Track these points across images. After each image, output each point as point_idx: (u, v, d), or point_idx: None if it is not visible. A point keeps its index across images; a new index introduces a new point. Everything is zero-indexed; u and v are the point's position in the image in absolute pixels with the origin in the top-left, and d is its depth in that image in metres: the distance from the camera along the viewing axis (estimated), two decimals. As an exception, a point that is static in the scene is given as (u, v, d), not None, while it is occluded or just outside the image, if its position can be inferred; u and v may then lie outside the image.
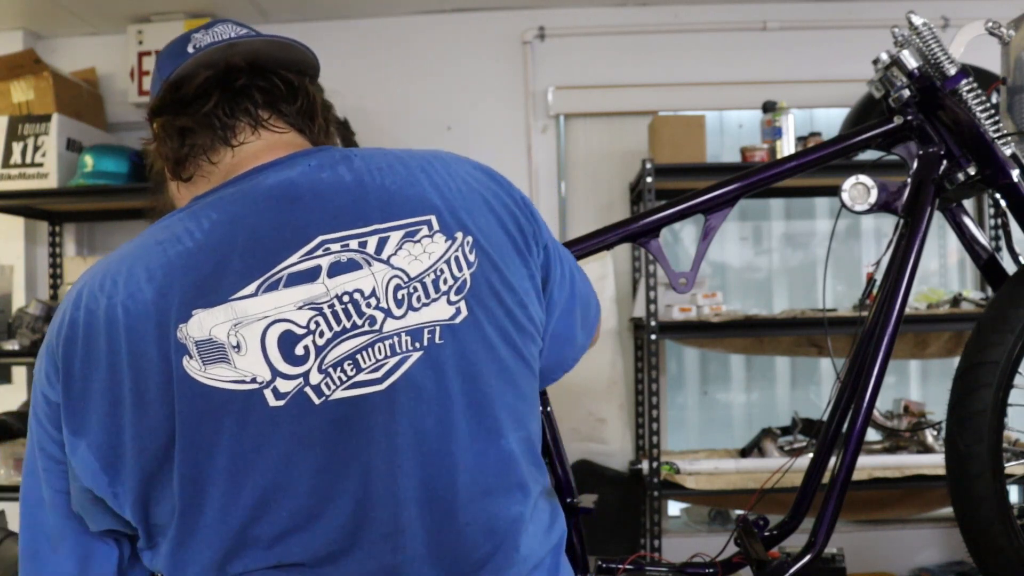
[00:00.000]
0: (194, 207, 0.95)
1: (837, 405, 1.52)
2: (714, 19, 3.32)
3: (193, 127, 0.99)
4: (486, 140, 3.31)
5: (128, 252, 0.93)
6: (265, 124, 1.00)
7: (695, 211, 1.46)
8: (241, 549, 0.87)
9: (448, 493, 0.90)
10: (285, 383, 0.87)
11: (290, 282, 0.89)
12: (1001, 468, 1.31)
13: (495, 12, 3.33)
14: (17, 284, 3.23)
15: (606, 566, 1.44)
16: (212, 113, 0.98)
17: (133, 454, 0.87)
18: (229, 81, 0.99)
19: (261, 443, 0.86)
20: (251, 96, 1.00)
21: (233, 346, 0.86)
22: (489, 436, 0.93)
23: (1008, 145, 1.40)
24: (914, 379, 3.45)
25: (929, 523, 3.27)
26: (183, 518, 0.87)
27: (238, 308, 0.87)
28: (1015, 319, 1.32)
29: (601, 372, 3.10)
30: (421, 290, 0.92)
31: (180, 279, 0.88)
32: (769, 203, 3.45)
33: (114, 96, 3.34)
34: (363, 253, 0.91)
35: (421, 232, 0.94)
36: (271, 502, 0.86)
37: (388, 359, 0.90)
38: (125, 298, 0.88)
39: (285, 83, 1.02)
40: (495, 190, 1.04)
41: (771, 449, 2.86)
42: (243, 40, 1.01)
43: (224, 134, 0.99)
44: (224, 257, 0.89)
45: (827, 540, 1.37)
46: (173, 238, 0.91)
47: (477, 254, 0.96)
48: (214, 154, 1.00)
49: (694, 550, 1.49)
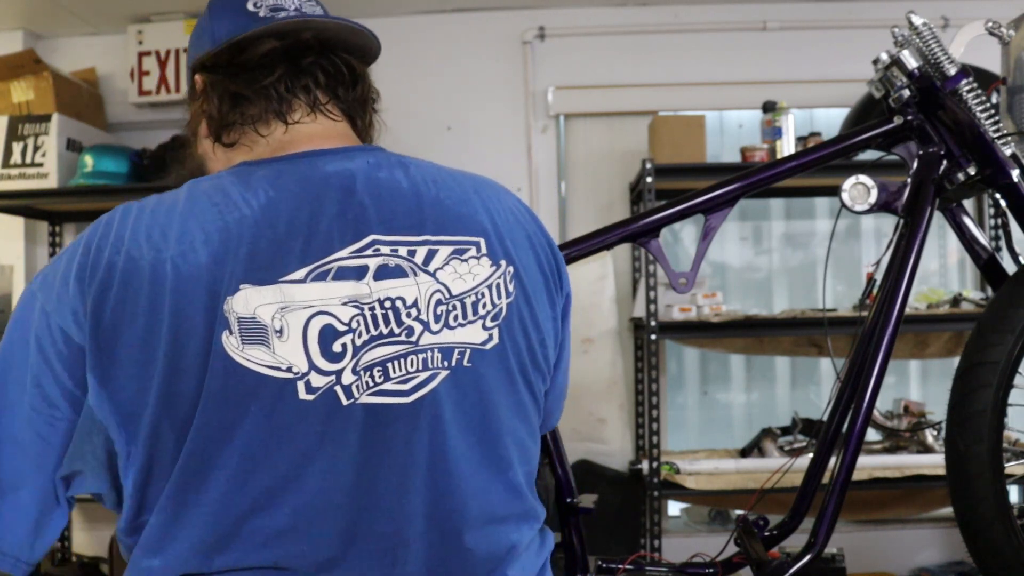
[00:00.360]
0: (247, 175, 0.91)
1: (837, 405, 1.52)
2: (714, 19, 3.32)
3: (249, 96, 0.95)
4: (486, 140, 3.31)
5: (179, 205, 0.88)
6: (322, 108, 0.98)
7: (695, 211, 1.46)
8: (234, 540, 0.84)
9: (456, 515, 0.90)
10: (319, 378, 0.85)
11: (339, 275, 0.87)
12: (1001, 468, 1.31)
13: (495, 12, 3.33)
14: (17, 284, 3.23)
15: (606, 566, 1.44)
16: (273, 86, 0.95)
17: (152, 418, 0.83)
18: (296, 57, 0.95)
19: (283, 434, 0.84)
20: (315, 76, 0.97)
21: (276, 331, 0.84)
22: (500, 466, 0.93)
23: (1008, 145, 1.40)
24: (914, 379, 3.45)
25: (929, 523, 3.27)
26: (181, 493, 0.84)
27: (286, 291, 0.85)
28: (1015, 319, 1.32)
29: (601, 372, 3.10)
30: (459, 310, 0.91)
31: (235, 249, 0.85)
32: (769, 203, 3.45)
33: (114, 96, 3.34)
34: (411, 262, 0.90)
35: (469, 252, 0.93)
36: (277, 496, 0.84)
37: (419, 373, 0.89)
38: (176, 255, 0.84)
39: (349, 68, 0.99)
40: (535, 229, 1.03)
41: (771, 449, 2.86)
42: (317, 19, 0.97)
43: (280, 108, 0.96)
44: (280, 235, 0.86)
45: (827, 540, 1.37)
46: (230, 203, 0.87)
47: (516, 285, 0.96)
48: (265, 127, 0.97)
49: (694, 550, 1.49)
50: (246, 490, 0.84)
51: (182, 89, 3.21)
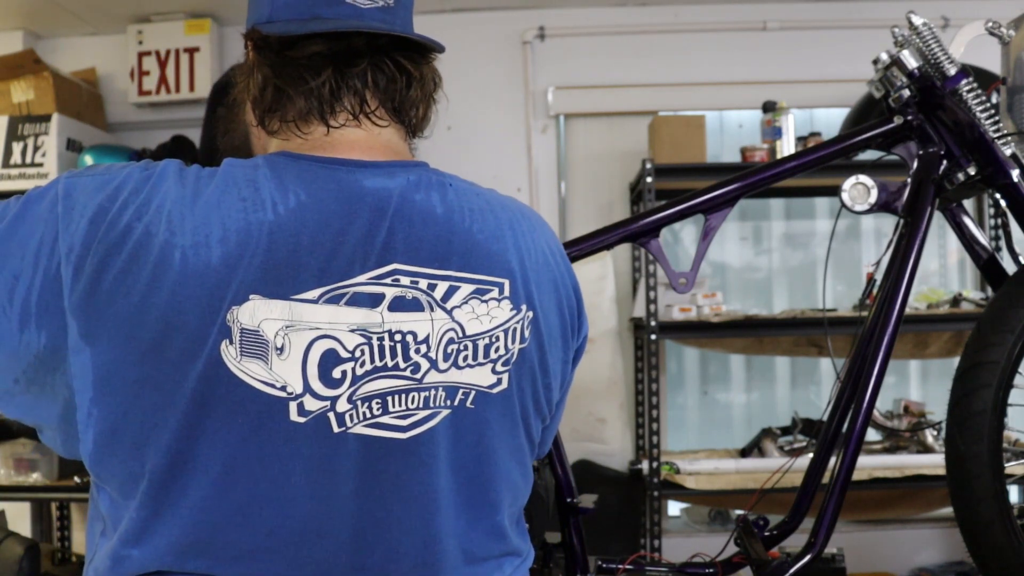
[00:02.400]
0: (283, 170, 0.87)
1: (837, 405, 1.52)
2: (714, 19, 3.32)
3: (292, 94, 0.91)
4: (486, 140, 3.31)
5: (207, 190, 0.84)
6: (369, 115, 0.92)
7: (695, 211, 1.46)
8: (209, 547, 0.83)
9: (438, 555, 0.89)
10: (313, 402, 0.83)
11: (352, 301, 0.84)
12: (1001, 468, 1.31)
13: (495, 12, 3.33)
14: (17, 284, 3.23)
15: (606, 566, 1.44)
16: (318, 89, 0.90)
17: (126, 395, 0.81)
18: (346, 62, 0.91)
19: (268, 453, 0.83)
20: (364, 79, 0.92)
21: (277, 347, 0.82)
22: (486, 510, 0.93)
23: (1008, 145, 1.40)
24: (914, 379, 3.45)
25: (929, 523, 3.27)
26: (164, 487, 0.82)
27: (295, 310, 0.82)
28: (1015, 319, 1.32)
29: (601, 372, 3.10)
30: (471, 351, 0.89)
31: (251, 255, 0.81)
32: (769, 203, 3.45)
33: (114, 96, 3.34)
34: (429, 296, 0.87)
35: (491, 294, 0.90)
36: (254, 513, 0.83)
37: (418, 411, 0.87)
38: (188, 246, 0.81)
39: (402, 70, 0.93)
40: (563, 272, 1.01)
41: (771, 449, 2.86)
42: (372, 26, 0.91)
43: (323, 110, 0.91)
44: (301, 247, 0.83)
45: (827, 540, 1.37)
46: (258, 201, 0.83)
47: (532, 332, 0.94)
48: (305, 125, 0.92)
49: (694, 550, 1.49)
50: (224, 501, 0.83)
51: (182, 89, 3.22)
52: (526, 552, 1.02)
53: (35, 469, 2.84)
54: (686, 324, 2.84)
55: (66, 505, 3.23)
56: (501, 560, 0.96)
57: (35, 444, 2.84)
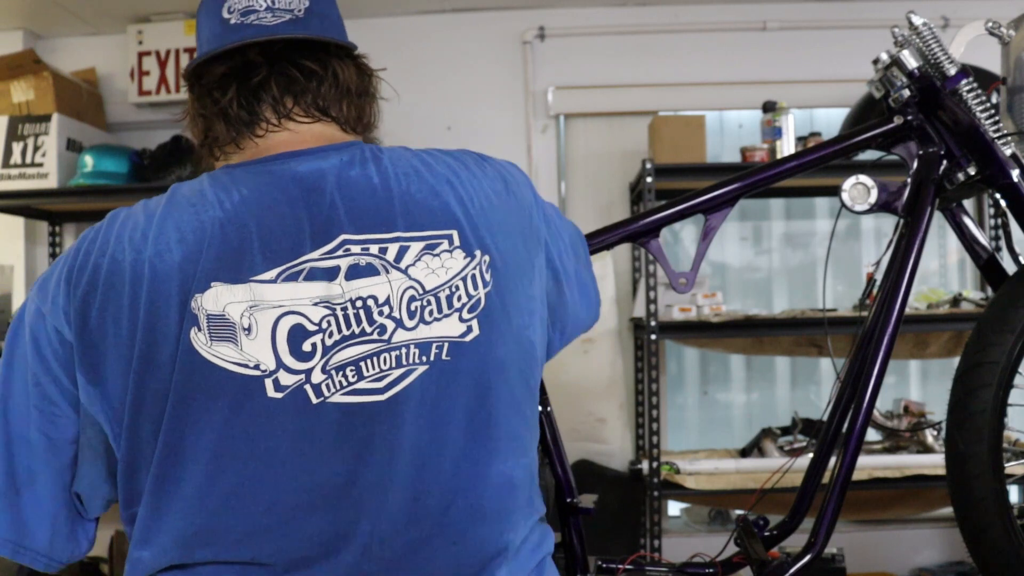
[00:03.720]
0: (223, 176, 0.94)
1: (837, 405, 1.52)
2: (714, 19, 3.32)
3: (211, 118, 0.98)
4: (486, 140, 3.31)
5: (160, 208, 0.91)
6: (290, 115, 0.98)
7: (695, 211, 1.46)
8: (212, 534, 0.86)
9: (440, 513, 0.90)
10: (287, 376, 0.87)
11: (310, 276, 0.88)
12: (1001, 468, 1.31)
13: (495, 12, 3.33)
14: (17, 284, 3.23)
15: (606, 566, 1.44)
16: (228, 107, 0.97)
17: (133, 414, 0.86)
18: (246, 77, 0.97)
19: (251, 432, 0.86)
20: (270, 89, 0.97)
21: (244, 328, 0.86)
22: (490, 460, 0.92)
23: (1008, 145, 1.40)
24: (914, 379, 3.45)
25: (929, 523, 3.27)
26: (159, 484, 0.86)
27: (256, 291, 0.87)
28: (1015, 319, 1.32)
29: (601, 372, 3.10)
30: (435, 304, 0.92)
31: (208, 247, 0.87)
32: (769, 203, 3.45)
33: (114, 96, 3.34)
34: (382, 260, 0.91)
35: (441, 246, 0.93)
36: (248, 493, 0.86)
37: (392, 370, 0.89)
38: (153, 255, 0.87)
39: (306, 73, 0.98)
40: (514, 204, 1.02)
41: (771, 449, 2.86)
42: (263, 38, 0.97)
43: (244, 128, 0.98)
44: (251, 235, 0.88)
45: (827, 540, 1.37)
46: (206, 203, 0.90)
47: (493, 274, 0.95)
48: (241, 141, 0.99)
49: (694, 550, 1.49)
50: (218, 486, 0.86)
51: (182, 89, 3.19)
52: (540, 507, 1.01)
53: (35, 469, 2.84)
54: (686, 324, 2.83)
55: (66, 505, 3.23)
56: (515, 519, 0.95)
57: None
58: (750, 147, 2.89)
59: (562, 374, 2.98)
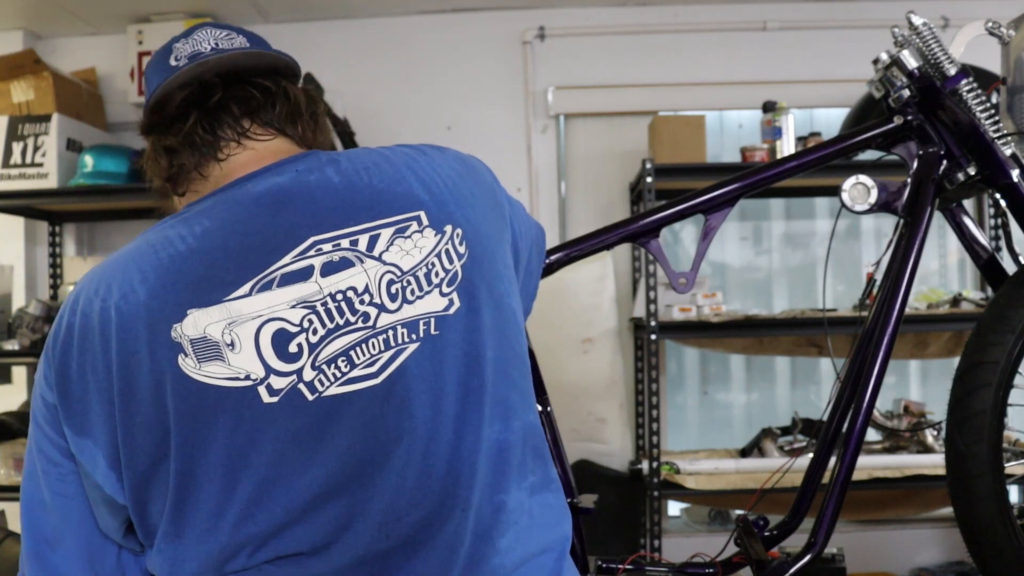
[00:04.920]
0: (187, 214, 0.97)
1: (837, 405, 1.52)
2: (714, 19, 3.32)
3: (176, 147, 1.01)
4: (486, 140, 3.31)
5: (123, 256, 0.95)
6: (248, 135, 1.02)
7: (695, 211, 1.46)
8: (237, 547, 0.88)
9: (448, 483, 0.92)
10: (279, 380, 0.89)
11: (283, 282, 0.91)
12: (1001, 468, 1.31)
13: (495, 12, 3.33)
14: (17, 284, 3.23)
15: (606, 566, 1.44)
16: (192, 132, 1.00)
17: (127, 452, 0.89)
18: (205, 99, 1.01)
19: (256, 439, 0.88)
20: (229, 110, 1.01)
21: (227, 344, 0.88)
22: (481, 425, 0.94)
23: (1008, 145, 1.40)
24: (914, 379, 3.45)
25: (929, 523, 3.27)
26: (177, 511, 0.89)
27: (232, 308, 0.89)
28: (1015, 319, 1.32)
29: (601, 372, 3.10)
30: (415, 283, 0.94)
31: (173, 281, 0.90)
32: (769, 203, 3.45)
33: (114, 96, 3.34)
34: (355, 251, 0.93)
35: (411, 228, 0.96)
36: (265, 497, 0.88)
37: (382, 353, 0.92)
38: (118, 299, 0.90)
39: (261, 90, 1.03)
40: (476, 180, 1.06)
41: (771, 449, 2.86)
42: (212, 57, 1.02)
43: (208, 151, 1.01)
44: (217, 260, 0.91)
45: (827, 540, 1.37)
46: (166, 241, 0.93)
47: (467, 246, 0.98)
48: (204, 168, 1.02)
49: (694, 550, 1.49)
50: (236, 497, 0.88)
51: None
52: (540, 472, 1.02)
53: (35, 469, 2.84)
54: (686, 324, 2.83)
55: (66, 505, 3.23)
56: (514, 480, 0.96)
57: (35, 444, 2.85)
58: (750, 147, 2.88)
59: (562, 374, 2.98)
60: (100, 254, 3.37)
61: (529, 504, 0.98)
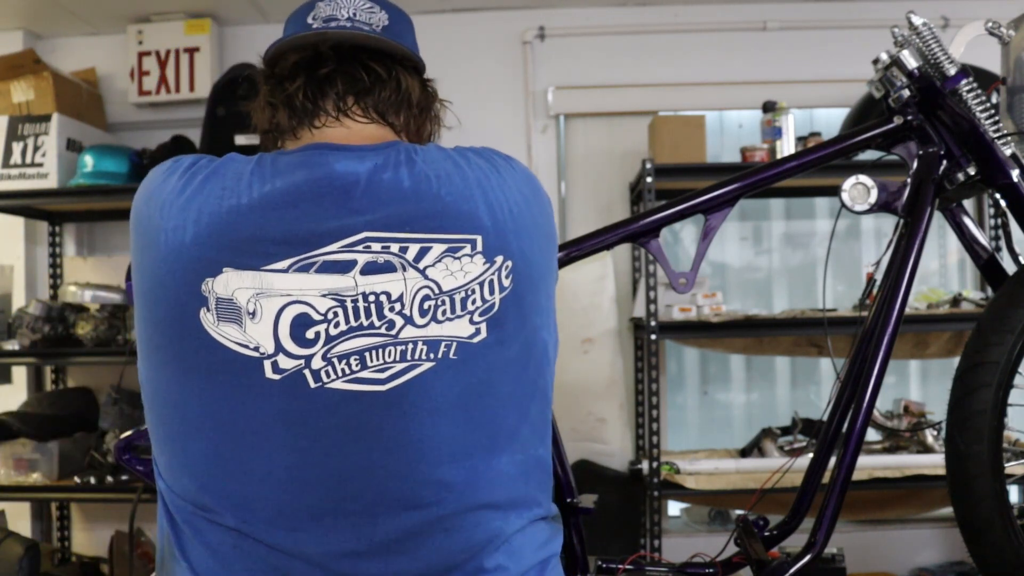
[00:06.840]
0: (268, 164, 0.97)
1: (837, 405, 1.52)
2: (714, 19, 3.32)
3: (278, 105, 1.04)
4: (486, 140, 3.24)
5: (198, 179, 0.95)
6: (348, 112, 1.03)
7: (695, 211, 1.46)
8: (216, 496, 0.92)
9: (434, 503, 0.93)
10: (287, 360, 0.91)
11: (323, 269, 0.92)
12: (1001, 468, 1.31)
13: (495, 12, 3.33)
14: (17, 284, 3.23)
15: (606, 566, 1.44)
16: (295, 95, 1.02)
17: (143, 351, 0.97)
18: (315, 67, 1.02)
19: (249, 408, 0.90)
20: (335, 84, 1.03)
21: (249, 312, 0.90)
22: (486, 455, 0.95)
23: (1008, 145, 1.40)
24: (914, 379, 3.45)
25: (929, 523, 3.27)
26: (175, 441, 0.94)
27: (265, 279, 0.91)
28: (1015, 319, 1.32)
29: (601, 372, 3.10)
30: (448, 305, 0.94)
31: (219, 236, 0.91)
32: (769, 203, 3.45)
33: (114, 96, 3.33)
34: (401, 258, 0.93)
35: (464, 250, 0.96)
36: (244, 465, 0.91)
37: (396, 363, 0.92)
38: (170, 228, 0.92)
39: (371, 74, 1.04)
40: (540, 208, 1.06)
41: (771, 449, 2.86)
42: (336, 31, 1.04)
43: (305, 117, 1.03)
44: (269, 225, 0.91)
45: (827, 540, 1.37)
46: (236, 190, 0.93)
47: (513, 279, 0.98)
48: (299, 131, 1.04)
49: (694, 550, 1.49)
50: (219, 454, 0.92)
51: (182, 89, 3.22)
52: (544, 505, 1.03)
53: (35, 469, 2.84)
54: (686, 324, 2.83)
55: (66, 505, 3.23)
56: (507, 510, 0.98)
57: (35, 444, 2.84)
58: (750, 147, 2.88)
59: (562, 374, 2.96)
60: (100, 254, 3.37)
61: (528, 533, 1.00)
